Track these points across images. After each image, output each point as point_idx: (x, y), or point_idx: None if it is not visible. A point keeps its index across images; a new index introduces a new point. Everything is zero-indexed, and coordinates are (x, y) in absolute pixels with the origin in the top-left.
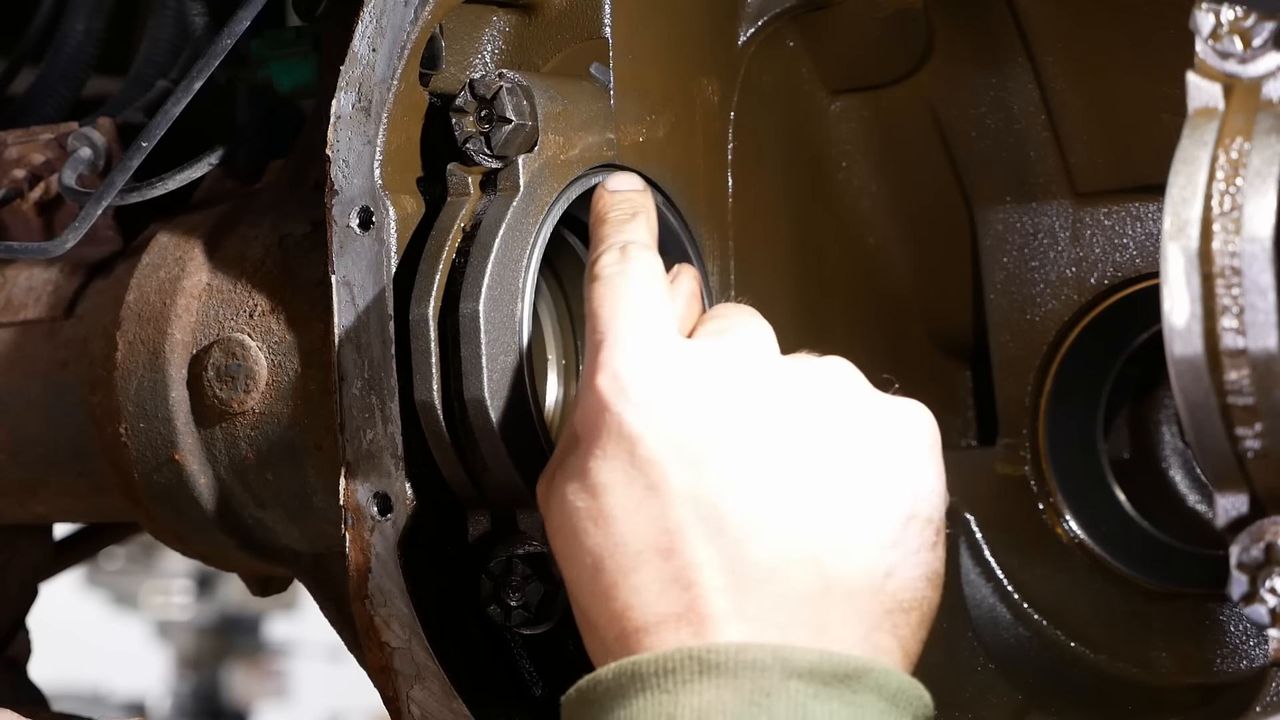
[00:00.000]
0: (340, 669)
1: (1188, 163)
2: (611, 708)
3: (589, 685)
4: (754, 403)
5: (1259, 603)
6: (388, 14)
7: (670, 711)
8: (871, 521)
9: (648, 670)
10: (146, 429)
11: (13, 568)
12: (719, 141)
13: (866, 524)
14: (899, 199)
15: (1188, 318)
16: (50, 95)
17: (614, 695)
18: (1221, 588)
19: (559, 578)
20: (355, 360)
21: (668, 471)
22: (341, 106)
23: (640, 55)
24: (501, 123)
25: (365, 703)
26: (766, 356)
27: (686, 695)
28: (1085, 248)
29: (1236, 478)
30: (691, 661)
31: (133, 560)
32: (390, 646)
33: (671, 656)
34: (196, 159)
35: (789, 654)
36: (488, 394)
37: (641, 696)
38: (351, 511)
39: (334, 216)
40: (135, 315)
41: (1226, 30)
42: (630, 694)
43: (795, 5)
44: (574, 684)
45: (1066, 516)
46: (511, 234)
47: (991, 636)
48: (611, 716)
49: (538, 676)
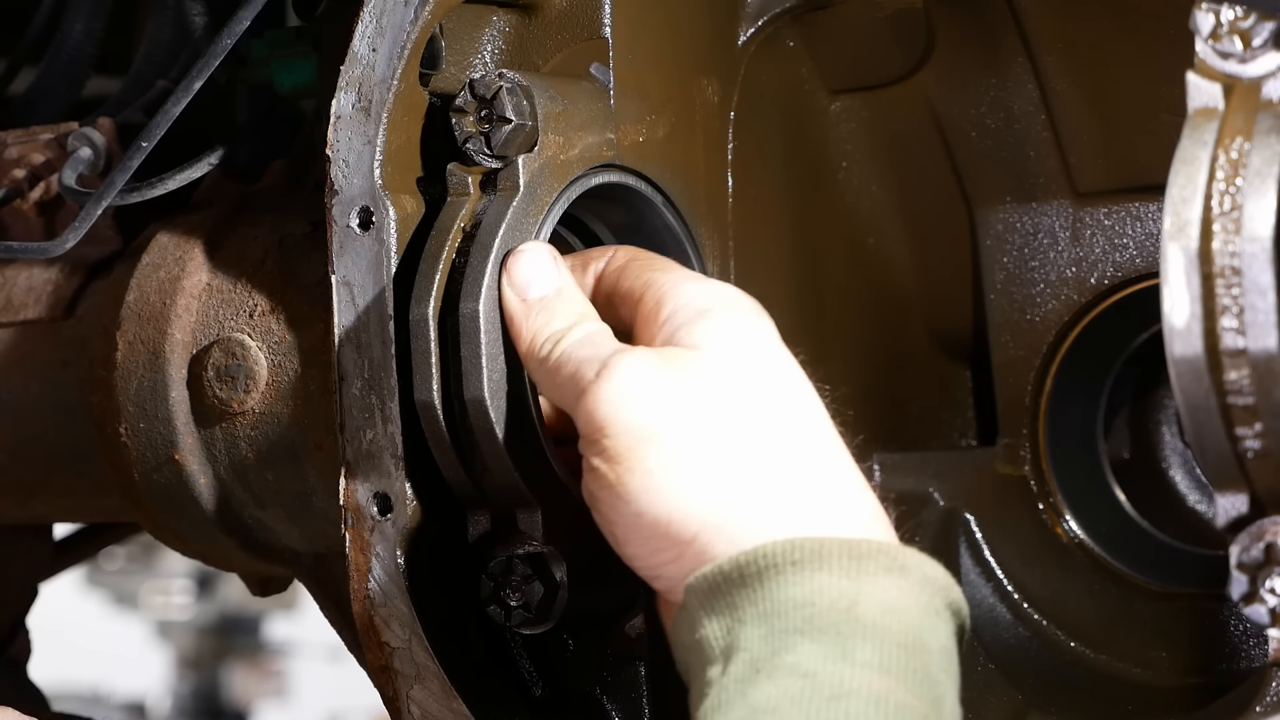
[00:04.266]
0: (340, 669)
1: (1188, 163)
2: (778, 583)
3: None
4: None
5: (1259, 603)
6: (388, 14)
7: (854, 598)
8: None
9: (834, 551)
10: (146, 429)
11: (13, 568)
12: (719, 141)
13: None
14: (899, 199)
15: (1188, 318)
16: (50, 95)
17: (782, 571)
18: (1221, 588)
19: (559, 578)
20: (355, 360)
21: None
22: (341, 106)
23: (640, 55)
24: (501, 123)
25: (365, 703)
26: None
27: (871, 587)
28: (1085, 248)
29: (1236, 478)
30: (883, 556)
31: (133, 560)
32: (390, 646)
33: (861, 544)
34: (196, 159)
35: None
36: (488, 394)
37: (822, 573)
38: (351, 511)
39: (334, 216)
40: (135, 315)
41: (1226, 30)
42: (807, 569)
43: (795, 5)
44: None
45: (1066, 516)
46: (511, 234)
47: (991, 636)
48: (779, 592)
49: (538, 676)
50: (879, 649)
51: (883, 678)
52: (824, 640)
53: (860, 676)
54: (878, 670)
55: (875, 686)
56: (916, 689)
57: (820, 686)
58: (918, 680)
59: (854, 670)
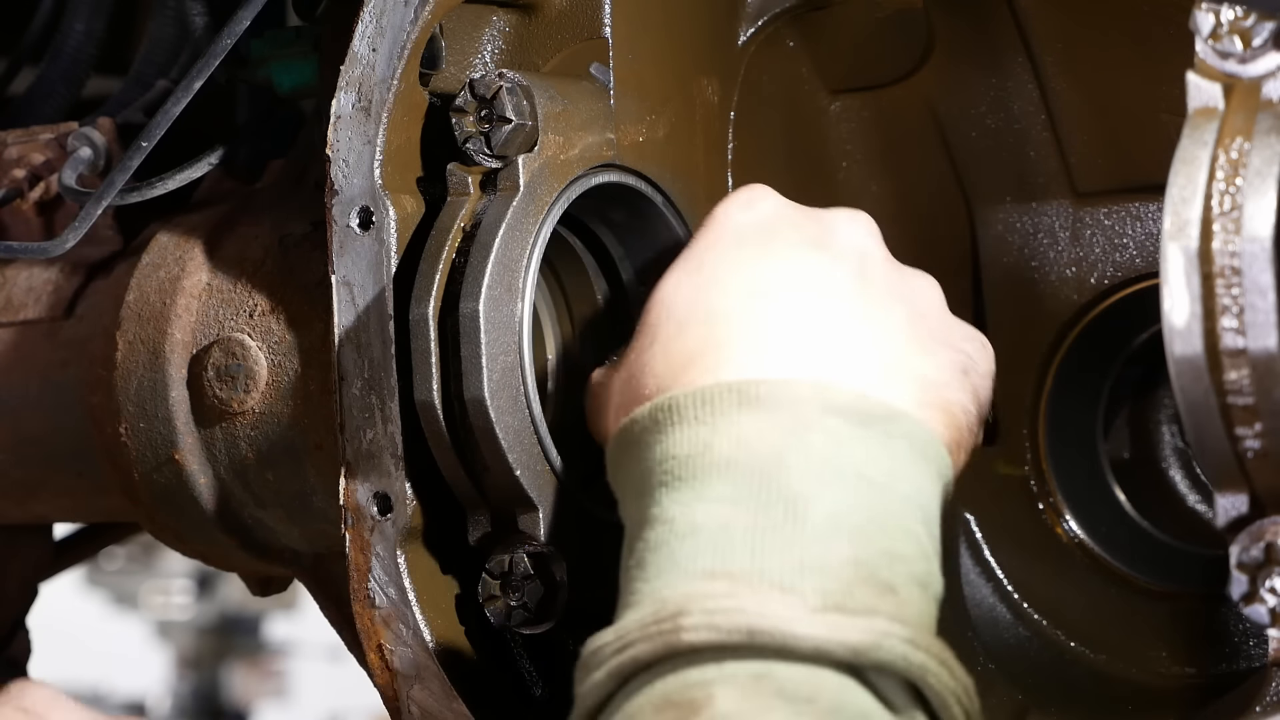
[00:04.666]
0: (340, 669)
1: (1188, 163)
2: (649, 443)
3: (626, 426)
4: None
5: (1259, 603)
6: (388, 14)
7: (708, 440)
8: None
9: (684, 403)
10: (146, 429)
11: (13, 568)
12: (719, 141)
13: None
14: (899, 199)
15: (1188, 318)
16: (50, 95)
17: (650, 431)
18: (1221, 588)
19: (559, 578)
20: (355, 360)
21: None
22: (341, 106)
23: (640, 55)
24: (501, 122)
25: (365, 703)
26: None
27: (724, 425)
28: (1085, 248)
29: (1236, 478)
30: (730, 394)
31: (133, 560)
32: (390, 646)
33: (709, 389)
34: (196, 159)
35: (828, 391)
36: (488, 394)
37: (678, 428)
38: (351, 511)
39: (334, 216)
40: (135, 315)
41: (1226, 30)
42: (666, 427)
43: (795, 5)
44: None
45: (1066, 516)
46: (511, 234)
47: (991, 636)
48: (649, 452)
49: (538, 676)
50: (729, 481)
51: (730, 507)
52: (680, 487)
53: (710, 510)
54: (727, 502)
55: (723, 516)
56: (769, 506)
57: (675, 528)
58: (771, 497)
59: (705, 506)
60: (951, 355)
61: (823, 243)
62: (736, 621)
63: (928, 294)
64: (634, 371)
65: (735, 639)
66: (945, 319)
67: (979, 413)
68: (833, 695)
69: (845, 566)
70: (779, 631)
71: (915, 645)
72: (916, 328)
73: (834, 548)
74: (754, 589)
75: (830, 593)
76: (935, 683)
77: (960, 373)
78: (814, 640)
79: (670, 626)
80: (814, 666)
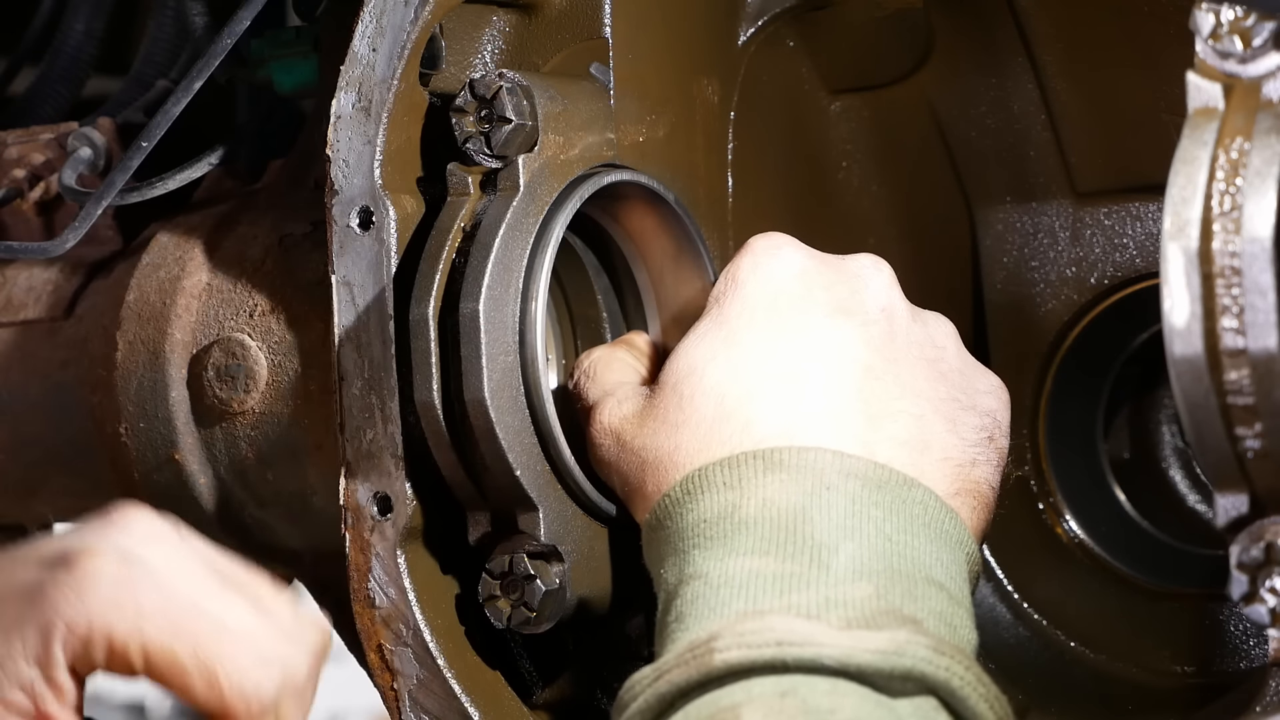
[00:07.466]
0: (340, 669)
1: (1188, 163)
2: (682, 514)
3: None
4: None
5: (1259, 603)
6: (388, 14)
7: (735, 501)
8: (967, 422)
9: (713, 472)
10: (146, 429)
11: None
12: (719, 141)
13: (964, 423)
14: (899, 199)
15: (1188, 318)
16: (50, 95)
17: (682, 503)
18: (1221, 588)
19: (559, 578)
20: (355, 360)
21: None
22: (341, 106)
23: (640, 55)
24: (501, 122)
25: (365, 703)
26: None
27: (751, 487)
28: (1085, 248)
29: (1236, 478)
30: (756, 461)
31: None
32: (390, 646)
33: (736, 458)
34: (196, 159)
35: (848, 460)
36: (488, 394)
37: (708, 494)
38: (351, 511)
39: (334, 216)
40: (135, 315)
41: (1226, 30)
42: (697, 495)
43: (795, 5)
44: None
45: (1066, 516)
46: (511, 234)
47: (991, 636)
48: (682, 521)
49: (538, 676)
50: (756, 536)
51: (760, 558)
52: (712, 546)
53: (740, 563)
54: (755, 553)
55: (753, 566)
56: (796, 555)
57: (710, 582)
58: (798, 548)
59: (736, 559)
60: (977, 421)
61: (852, 308)
62: (766, 638)
63: (947, 341)
64: (666, 448)
65: (765, 654)
66: (966, 369)
67: (1001, 472)
68: (854, 707)
69: (869, 600)
70: (805, 642)
71: (939, 652)
72: (941, 391)
73: (858, 586)
74: (783, 618)
75: (854, 619)
76: (963, 687)
77: (986, 441)
78: (838, 649)
79: (704, 650)
80: (838, 679)
